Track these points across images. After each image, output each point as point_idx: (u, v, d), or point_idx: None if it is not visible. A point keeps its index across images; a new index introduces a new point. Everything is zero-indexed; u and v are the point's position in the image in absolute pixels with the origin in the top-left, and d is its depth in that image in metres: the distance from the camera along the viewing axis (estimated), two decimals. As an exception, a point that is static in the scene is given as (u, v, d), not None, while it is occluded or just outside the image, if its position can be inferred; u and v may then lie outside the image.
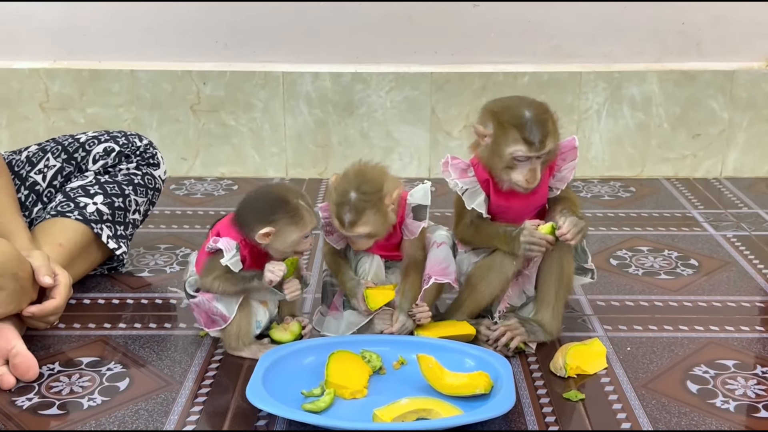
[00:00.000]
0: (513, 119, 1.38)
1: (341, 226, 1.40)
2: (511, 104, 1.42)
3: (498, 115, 1.40)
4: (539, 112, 1.40)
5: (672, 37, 2.42)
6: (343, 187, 1.39)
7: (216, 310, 1.44)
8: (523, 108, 1.39)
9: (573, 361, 1.40)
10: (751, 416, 1.30)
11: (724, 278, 1.80)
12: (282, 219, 1.39)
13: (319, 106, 2.42)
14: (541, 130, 1.37)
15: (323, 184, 2.42)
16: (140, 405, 1.33)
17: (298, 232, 1.40)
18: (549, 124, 1.39)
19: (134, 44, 2.42)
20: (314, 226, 1.42)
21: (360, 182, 1.38)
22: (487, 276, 1.47)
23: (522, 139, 1.37)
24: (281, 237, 1.40)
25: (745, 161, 2.47)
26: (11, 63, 2.42)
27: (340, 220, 1.39)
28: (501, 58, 2.43)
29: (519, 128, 1.37)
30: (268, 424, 1.27)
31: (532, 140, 1.37)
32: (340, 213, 1.39)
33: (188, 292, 1.47)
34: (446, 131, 2.44)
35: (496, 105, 1.43)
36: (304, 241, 1.42)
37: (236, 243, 1.40)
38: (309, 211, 1.41)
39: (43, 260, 1.46)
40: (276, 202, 1.40)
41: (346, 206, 1.38)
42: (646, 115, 2.43)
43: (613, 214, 2.20)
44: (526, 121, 1.37)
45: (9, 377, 1.37)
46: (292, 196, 1.40)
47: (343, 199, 1.39)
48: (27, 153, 1.80)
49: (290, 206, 1.39)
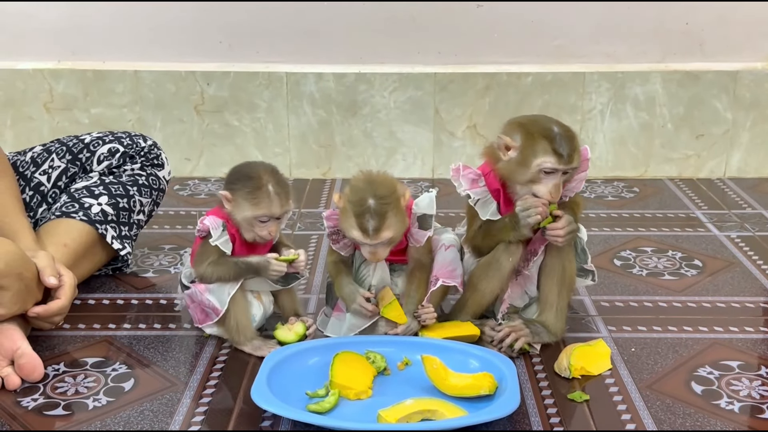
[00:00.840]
0: (543, 131, 1.39)
1: (365, 235, 1.37)
2: (539, 119, 1.43)
3: (527, 127, 1.40)
4: (566, 128, 1.41)
5: (675, 37, 2.41)
6: (358, 197, 1.37)
7: (208, 303, 1.45)
8: (551, 123, 1.41)
9: (577, 362, 1.40)
10: (755, 417, 1.30)
11: (728, 279, 1.80)
12: (240, 190, 1.41)
13: (323, 106, 2.42)
14: (570, 144, 1.38)
15: (326, 185, 2.42)
16: (145, 405, 1.33)
17: (251, 209, 1.41)
18: (576, 140, 1.40)
19: (138, 45, 2.42)
20: (272, 214, 1.41)
21: (374, 188, 1.37)
22: (487, 274, 1.47)
23: (552, 150, 1.37)
24: (236, 207, 1.42)
25: (749, 161, 2.46)
26: (15, 63, 2.42)
27: (363, 230, 1.36)
28: (504, 58, 2.43)
29: (549, 140, 1.37)
30: (273, 425, 1.27)
31: (562, 153, 1.37)
32: (362, 223, 1.36)
33: (183, 283, 1.48)
34: (450, 131, 2.44)
35: (524, 119, 1.44)
36: (260, 225, 1.42)
37: (222, 221, 1.42)
38: (271, 197, 1.40)
39: (48, 261, 1.46)
40: (244, 174, 1.43)
41: (366, 214, 1.36)
42: (650, 115, 2.43)
43: (617, 214, 2.20)
44: (556, 135, 1.38)
45: (14, 378, 1.37)
46: (265, 176, 1.41)
47: (361, 208, 1.36)
48: (32, 154, 1.81)
49: (254, 182, 1.41)
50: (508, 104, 2.41)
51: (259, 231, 1.43)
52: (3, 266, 1.36)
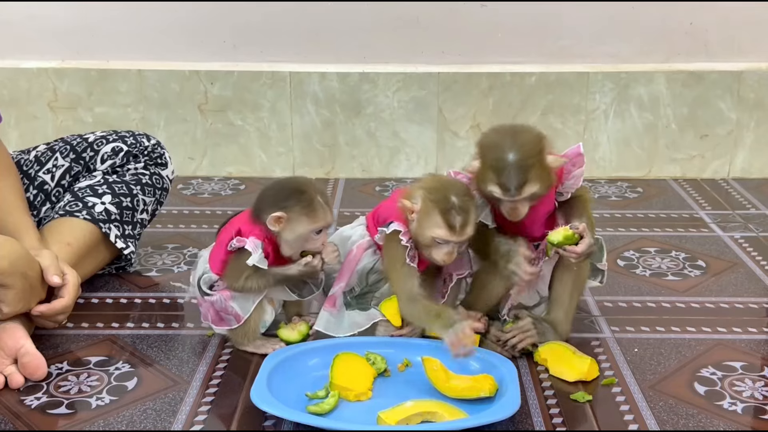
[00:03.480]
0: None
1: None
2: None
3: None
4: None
5: (680, 37, 2.41)
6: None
7: (231, 310, 1.44)
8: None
9: (546, 354, 1.42)
10: (758, 418, 1.30)
11: (731, 279, 1.79)
12: (295, 207, 1.39)
13: (327, 106, 2.42)
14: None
15: (330, 185, 2.42)
16: (148, 404, 1.33)
17: (309, 223, 1.39)
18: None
19: (142, 44, 2.42)
20: (327, 224, 1.42)
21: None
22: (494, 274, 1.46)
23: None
24: (291, 226, 1.39)
25: (753, 162, 2.46)
26: (20, 62, 2.42)
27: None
28: (508, 58, 2.42)
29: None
30: (276, 425, 1.27)
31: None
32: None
33: (203, 290, 1.47)
34: (453, 131, 2.44)
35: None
36: (314, 238, 1.41)
37: (261, 242, 1.41)
38: (324, 208, 1.40)
39: (51, 259, 1.47)
40: (292, 190, 1.40)
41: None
42: (654, 115, 2.42)
43: (621, 214, 2.19)
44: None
45: (18, 376, 1.37)
46: (311, 189, 1.40)
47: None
48: (35, 152, 1.81)
49: (305, 196, 1.39)
50: (511, 104, 2.40)
51: (313, 244, 1.41)
52: (7, 265, 1.37)
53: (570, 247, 1.40)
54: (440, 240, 1.37)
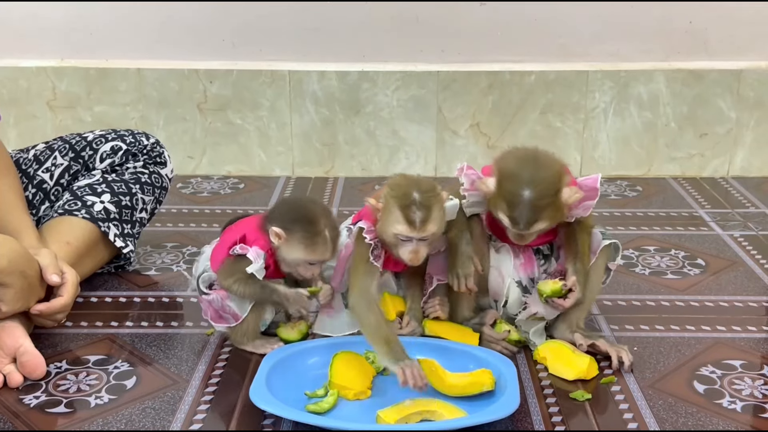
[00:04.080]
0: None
1: (412, 228, 1.34)
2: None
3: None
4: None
5: (679, 36, 2.41)
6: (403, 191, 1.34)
7: (228, 309, 1.44)
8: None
9: (545, 352, 1.42)
10: (757, 416, 1.30)
11: (731, 278, 1.79)
12: (298, 233, 1.38)
13: (326, 104, 2.42)
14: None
15: (329, 184, 2.42)
16: (147, 403, 1.33)
17: (304, 253, 1.39)
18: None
19: (141, 43, 2.42)
20: (322, 260, 1.41)
21: (418, 185, 1.36)
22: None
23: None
24: (288, 247, 1.39)
25: (753, 161, 2.46)
26: (19, 61, 2.42)
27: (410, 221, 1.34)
28: (508, 56, 2.42)
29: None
30: (275, 423, 1.27)
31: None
32: (409, 215, 1.34)
33: (201, 289, 1.47)
34: (453, 130, 2.43)
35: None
36: (308, 267, 1.41)
37: (264, 253, 1.40)
38: (326, 244, 1.39)
39: (50, 258, 1.47)
40: (303, 216, 1.39)
41: (413, 206, 1.33)
42: (653, 114, 2.42)
43: (620, 213, 2.19)
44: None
45: (16, 375, 1.37)
46: (321, 222, 1.39)
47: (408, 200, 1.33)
48: (34, 151, 1.81)
49: (312, 228, 1.38)
50: (511, 103, 2.40)
51: (304, 272, 1.41)
52: (6, 264, 1.37)
53: (558, 300, 1.42)
54: (402, 236, 1.35)
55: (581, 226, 1.45)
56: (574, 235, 1.44)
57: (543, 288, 1.42)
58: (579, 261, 1.44)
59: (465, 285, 1.43)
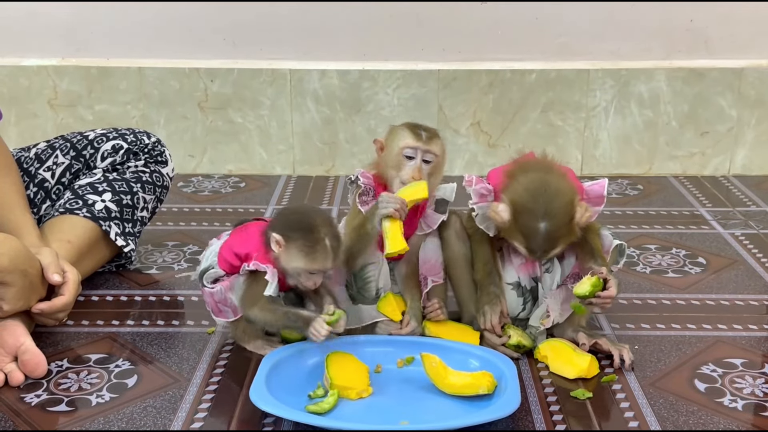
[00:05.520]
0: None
1: (418, 139, 1.42)
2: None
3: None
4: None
5: (680, 34, 2.41)
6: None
7: (230, 302, 1.44)
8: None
9: (546, 351, 1.42)
10: (758, 415, 1.30)
11: (732, 276, 1.79)
12: (297, 241, 1.36)
13: (327, 103, 2.42)
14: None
15: (330, 182, 2.42)
16: (148, 402, 1.33)
17: (305, 262, 1.36)
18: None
19: (142, 42, 2.42)
20: (323, 269, 1.38)
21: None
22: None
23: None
24: (287, 256, 1.37)
25: (754, 159, 2.46)
26: (20, 60, 2.42)
27: (417, 135, 1.43)
28: (508, 55, 2.42)
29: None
30: (276, 423, 1.27)
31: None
32: (416, 131, 1.43)
33: (205, 284, 1.46)
34: (453, 128, 2.43)
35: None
36: (308, 277, 1.38)
37: (275, 270, 1.38)
38: (326, 254, 1.36)
39: (52, 257, 1.47)
40: (304, 224, 1.37)
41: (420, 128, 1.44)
42: (654, 112, 2.42)
43: (621, 212, 2.19)
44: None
45: (18, 374, 1.37)
46: (323, 231, 1.36)
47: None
48: (36, 150, 1.81)
49: (312, 237, 1.36)
50: (511, 101, 2.40)
51: (305, 281, 1.39)
52: (7, 262, 1.37)
53: (603, 293, 1.38)
54: (408, 149, 1.42)
55: (589, 229, 1.45)
56: (585, 238, 1.44)
57: (581, 290, 1.38)
58: (599, 257, 1.44)
59: (491, 322, 1.45)
